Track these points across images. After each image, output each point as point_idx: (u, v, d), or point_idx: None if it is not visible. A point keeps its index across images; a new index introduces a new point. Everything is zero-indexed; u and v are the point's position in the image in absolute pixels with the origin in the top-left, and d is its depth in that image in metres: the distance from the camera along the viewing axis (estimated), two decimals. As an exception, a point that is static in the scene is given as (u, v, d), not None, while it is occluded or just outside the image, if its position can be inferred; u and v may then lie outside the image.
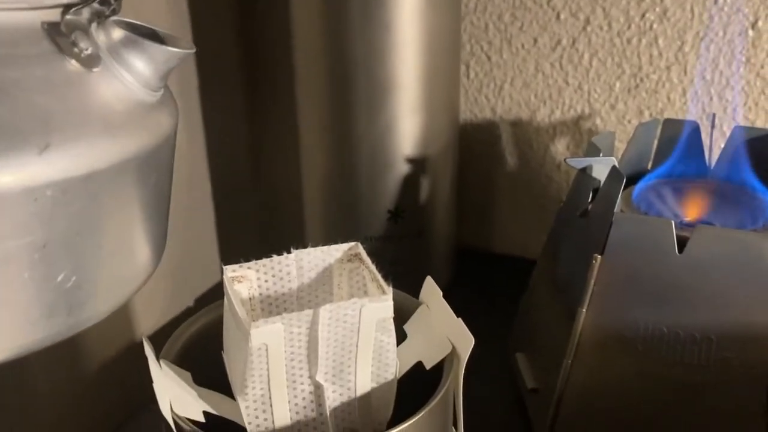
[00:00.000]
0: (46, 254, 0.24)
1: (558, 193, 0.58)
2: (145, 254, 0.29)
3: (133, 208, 0.27)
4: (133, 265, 0.28)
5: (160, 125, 0.28)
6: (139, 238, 0.28)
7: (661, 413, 0.37)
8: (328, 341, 0.29)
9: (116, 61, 0.27)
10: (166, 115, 0.29)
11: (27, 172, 0.23)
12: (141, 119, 0.27)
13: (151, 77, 0.28)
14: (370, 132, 0.49)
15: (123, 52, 0.27)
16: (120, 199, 0.26)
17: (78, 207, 0.25)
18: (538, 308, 0.44)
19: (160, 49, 0.27)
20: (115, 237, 0.27)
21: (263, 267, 0.32)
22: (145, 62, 0.27)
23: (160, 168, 0.29)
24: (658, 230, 0.36)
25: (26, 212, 0.23)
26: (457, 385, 0.32)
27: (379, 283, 0.31)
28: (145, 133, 0.27)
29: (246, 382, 0.29)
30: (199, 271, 0.62)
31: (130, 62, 0.27)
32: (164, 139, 0.28)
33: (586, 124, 0.56)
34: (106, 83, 0.26)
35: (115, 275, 0.27)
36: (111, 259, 0.27)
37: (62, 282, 0.25)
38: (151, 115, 0.28)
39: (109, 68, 0.26)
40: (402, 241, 0.52)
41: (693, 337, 0.35)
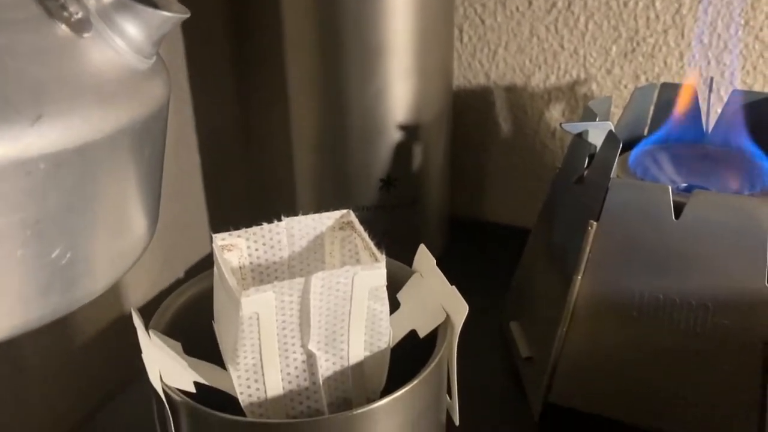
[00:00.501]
0: (39, 230, 0.23)
1: (553, 160, 0.57)
2: (140, 228, 0.28)
3: (127, 181, 0.27)
4: (128, 239, 0.28)
5: (153, 94, 0.27)
6: (133, 212, 0.28)
7: (657, 381, 0.37)
8: (320, 310, 0.29)
9: (108, 26, 0.26)
10: (160, 83, 0.28)
11: (19, 145, 0.22)
12: (135, 88, 0.26)
13: (144, 43, 0.27)
14: (361, 98, 0.48)
15: (114, 17, 0.26)
16: (114, 172, 0.26)
17: (72, 181, 0.24)
18: (532, 276, 0.44)
19: (154, 13, 0.26)
20: (109, 211, 0.26)
21: (253, 235, 0.32)
22: (137, 27, 0.26)
23: (154, 139, 0.28)
24: (654, 196, 0.35)
25: (18, 187, 0.22)
26: (451, 354, 0.31)
27: (372, 252, 0.31)
28: (140, 102, 0.26)
29: (237, 352, 0.29)
30: (189, 242, 0.61)
31: (122, 27, 0.26)
32: (158, 108, 0.27)
33: (582, 90, 0.55)
34: (98, 50, 0.25)
35: (110, 250, 0.27)
36: (106, 234, 0.26)
37: (57, 259, 0.24)
38: (145, 83, 0.27)
39: (101, 34, 0.25)
40: (394, 210, 0.51)
41: (689, 304, 0.35)
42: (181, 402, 0.28)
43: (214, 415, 0.27)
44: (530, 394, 0.41)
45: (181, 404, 0.28)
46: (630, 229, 0.36)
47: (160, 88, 0.28)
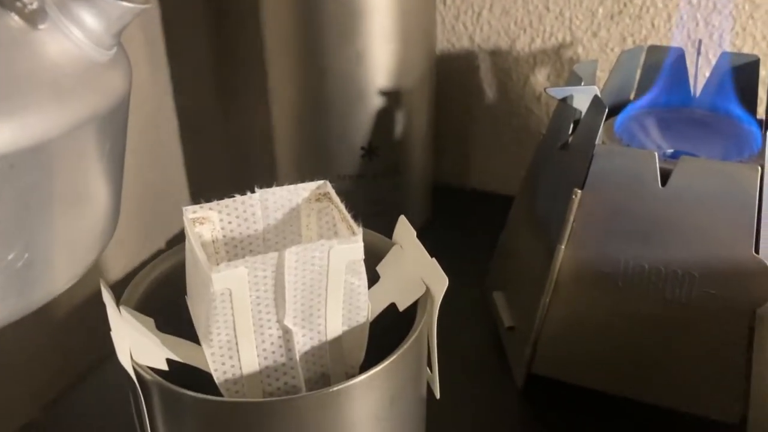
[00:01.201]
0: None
1: (538, 125, 0.56)
2: (100, 226, 0.27)
3: (87, 177, 0.26)
4: (88, 238, 0.27)
5: (114, 87, 0.26)
6: (93, 210, 0.27)
7: (642, 351, 0.36)
8: (295, 285, 0.28)
9: (64, 17, 0.24)
10: (120, 75, 0.27)
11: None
12: (94, 81, 0.25)
13: (103, 34, 0.25)
14: (340, 63, 0.46)
15: (72, 7, 0.24)
16: (73, 169, 0.25)
17: (28, 180, 0.23)
18: (516, 245, 0.43)
19: (114, 3, 0.25)
20: (68, 209, 0.25)
21: (226, 208, 0.31)
22: (96, 18, 0.25)
23: (115, 133, 0.27)
24: (640, 162, 0.34)
25: None
26: (431, 327, 0.31)
27: (349, 224, 0.30)
28: (99, 96, 0.25)
29: (210, 329, 0.28)
30: (169, 212, 0.60)
31: (80, 18, 0.24)
32: (119, 102, 0.26)
33: (568, 53, 0.54)
34: (54, 42, 0.24)
35: (69, 249, 0.26)
36: (65, 232, 0.25)
37: (13, 261, 0.23)
38: (104, 76, 0.25)
39: (57, 25, 0.24)
40: (377, 178, 0.50)
41: (675, 273, 0.34)
42: (152, 381, 0.27)
43: (186, 394, 0.26)
44: (513, 365, 0.40)
45: (152, 383, 0.27)
46: (615, 196, 0.35)
47: (120, 80, 0.26)
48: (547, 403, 0.39)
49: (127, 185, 0.54)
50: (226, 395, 0.29)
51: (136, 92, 0.53)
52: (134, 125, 0.53)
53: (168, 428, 0.28)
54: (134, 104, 0.55)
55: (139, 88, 0.53)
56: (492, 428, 0.38)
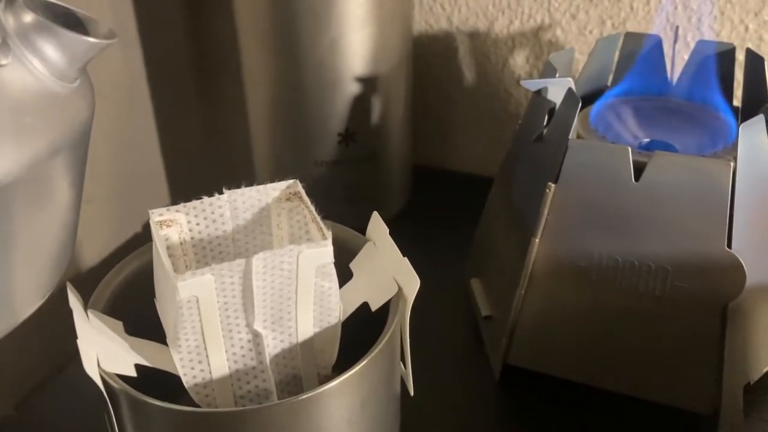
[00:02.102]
0: None
1: (517, 108, 0.56)
2: (60, 255, 0.27)
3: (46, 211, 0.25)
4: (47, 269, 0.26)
5: (76, 120, 0.25)
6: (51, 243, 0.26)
7: (615, 343, 0.36)
8: (264, 289, 0.28)
9: (27, 50, 0.23)
10: (83, 107, 0.25)
11: None
12: (56, 116, 0.24)
13: (67, 68, 0.24)
14: (315, 47, 0.46)
15: (35, 39, 0.23)
16: (31, 206, 0.24)
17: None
18: (492, 235, 0.43)
19: (79, 39, 0.24)
20: (28, 245, 0.24)
21: (194, 209, 0.30)
22: (60, 52, 0.23)
23: (76, 163, 0.26)
24: (614, 157, 0.34)
25: None
26: (403, 326, 0.30)
27: (319, 226, 0.29)
28: (61, 131, 0.24)
29: (178, 335, 0.28)
30: (146, 195, 0.59)
31: (43, 51, 0.23)
32: (81, 134, 0.25)
33: (546, 36, 0.53)
34: (16, 76, 0.23)
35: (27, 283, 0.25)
36: (24, 268, 0.25)
37: None
38: (67, 109, 0.24)
39: (18, 57, 0.23)
40: (355, 164, 0.50)
41: (648, 266, 0.34)
42: (120, 390, 0.26)
43: (154, 405, 0.26)
44: (490, 355, 0.41)
45: (120, 392, 0.27)
46: (589, 190, 0.35)
47: (83, 112, 0.25)
48: (523, 393, 0.39)
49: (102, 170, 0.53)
50: (196, 399, 0.29)
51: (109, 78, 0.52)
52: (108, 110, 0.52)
53: (137, 435, 0.28)
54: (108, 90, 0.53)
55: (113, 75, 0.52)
56: (468, 419, 0.39)
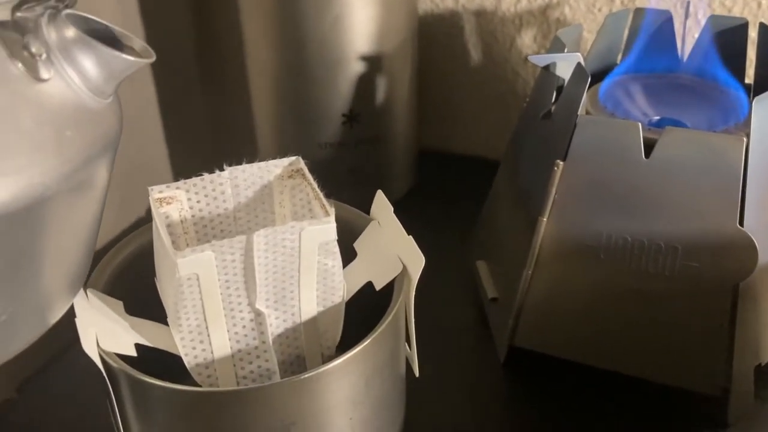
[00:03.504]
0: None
1: (524, 89, 0.55)
2: (78, 273, 0.27)
3: (74, 228, 0.25)
4: (66, 286, 0.26)
5: (108, 135, 0.25)
6: (74, 259, 0.26)
7: (624, 323, 0.36)
8: (266, 267, 0.27)
9: (66, 64, 0.23)
10: (114, 122, 0.26)
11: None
12: (90, 131, 0.24)
13: (103, 85, 0.24)
14: (319, 27, 0.45)
15: (75, 55, 0.23)
16: (62, 222, 0.24)
17: (20, 238, 0.22)
18: (499, 216, 0.42)
19: (117, 56, 0.24)
20: (52, 262, 0.25)
21: (194, 187, 0.30)
22: (98, 68, 0.24)
23: (104, 177, 0.26)
24: (624, 134, 0.33)
25: None
26: (408, 305, 0.30)
27: (322, 203, 0.29)
28: (95, 146, 0.24)
29: (179, 314, 0.27)
30: (149, 178, 0.59)
31: (83, 66, 0.24)
32: (112, 149, 0.25)
33: (554, 14, 0.52)
34: (57, 91, 0.23)
35: (45, 303, 0.25)
36: (46, 286, 0.25)
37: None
38: (100, 124, 0.25)
39: (58, 71, 0.23)
40: (359, 146, 0.49)
41: (658, 245, 0.34)
42: (119, 369, 0.26)
43: (155, 384, 0.25)
44: (496, 336, 0.40)
45: (119, 372, 0.26)
46: (598, 168, 0.34)
47: (114, 127, 0.26)
48: (529, 375, 0.39)
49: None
50: (197, 380, 0.29)
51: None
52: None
53: (137, 416, 0.27)
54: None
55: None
56: (473, 401, 0.38)
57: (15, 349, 0.25)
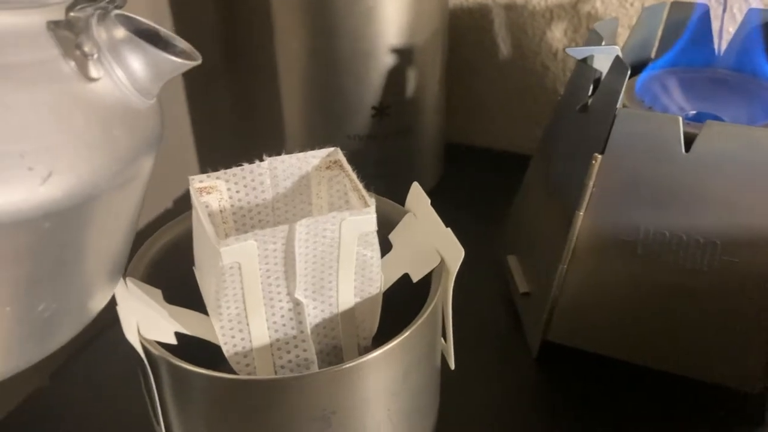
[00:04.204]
0: (31, 286, 0.22)
1: (554, 83, 0.55)
2: (117, 268, 0.27)
3: (116, 225, 0.25)
4: (104, 282, 0.26)
5: (152, 135, 0.25)
6: (115, 254, 0.26)
7: (660, 319, 0.35)
8: (306, 257, 0.27)
9: (115, 63, 0.24)
10: (157, 122, 0.26)
11: (26, 204, 0.20)
12: (136, 130, 0.24)
13: (149, 85, 0.25)
14: (350, 19, 0.45)
15: (125, 55, 0.24)
16: (106, 219, 0.24)
17: (70, 237, 0.23)
18: (531, 210, 0.42)
19: (164, 57, 0.24)
20: (95, 258, 0.25)
21: (234, 177, 0.30)
22: (146, 69, 0.24)
23: (144, 180, 0.26)
24: (664, 127, 0.33)
25: (19, 245, 0.21)
26: (446, 298, 0.30)
27: (361, 193, 0.29)
28: (139, 146, 0.24)
29: (219, 302, 0.27)
30: (176, 170, 0.59)
31: (131, 67, 0.24)
32: (155, 149, 0.26)
33: (585, 8, 0.52)
34: (106, 91, 0.23)
35: (87, 298, 0.26)
36: (88, 281, 0.25)
37: (41, 313, 0.23)
38: (145, 124, 0.25)
39: (107, 70, 0.23)
40: (388, 139, 0.49)
41: (696, 241, 0.33)
42: (160, 357, 0.26)
43: (195, 372, 0.25)
44: (528, 332, 0.40)
45: (160, 359, 0.26)
46: (636, 161, 0.34)
47: (157, 128, 0.26)
48: (562, 370, 0.38)
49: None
50: (236, 369, 0.29)
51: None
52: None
53: (177, 403, 0.27)
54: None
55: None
56: (506, 395, 0.38)
57: (56, 344, 0.25)
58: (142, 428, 0.32)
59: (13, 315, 0.22)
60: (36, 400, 0.39)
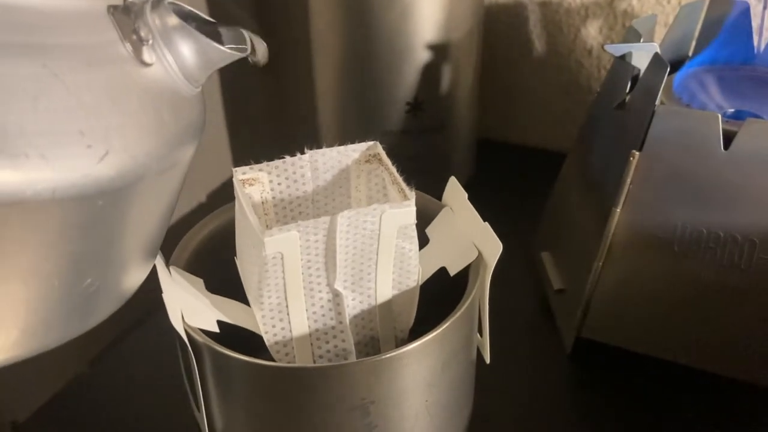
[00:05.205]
0: (79, 262, 0.23)
1: (588, 81, 0.55)
2: (153, 251, 0.28)
3: (158, 207, 0.26)
4: (141, 263, 0.27)
5: (197, 122, 0.26)
6: (153, 237, 0.27)
7: (697, 317, 0.35)
8: (346, 249, 0.28)
9: (166, 48, 0.24)
10: (201, 110, 0.27)
11: (84, 181, 0.21)
12: (183, 116, 0.25)
13: (197, 73, 0.25)
14: (387, 15, 0.45)
15: (176, 42, 0.24)
16: (150, 201, 0.25)
17: (119, 215, 0.23)
18: (567, 207, 0.42)
19: (213, 46, 0.25)
20: (137, 238, 0.26)
21: (275, 169, 0.30)
22: (195, 56, 0.25)
23: (185, 167, 0.27)
24: (703, 124, 0.33)
25: (72, 222, 0.22)
26: (483, 293, 0.30)
27: (401, 187, 0.29)
28: (186, 131, 0.25)
29: (261, 291, 0.28)
30: (210, 165, 0.60)
31: (181, 54, 0.25)
32: (198, 137, 0.27)
33: (621, 5, 0.51)
34: (158, 76, 0.24)
35: (126, 278, 0.26)
36: (129, 260, 0.26)
37: (86, 288, 0.24)
38: (191, 111, 0.26)
39: (159, 56, 0.24)
40: (422, 135, 0.49)
41: (734, 238, 0.33)
42: (203, 344, 0.27)
43: (238, 359, 0.26)
44: (562, 328, 0.40)
45: (203, 346, 0.27)
46: (675, 159, 0.34)
47: (201, 117, 0.27)
48: (595, 367, 0.38)
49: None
50: (276, 357, 0.29)
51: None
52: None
53: (218, 389, 0.28)
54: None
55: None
56: (540, 391, 0.38)
57: (95, 321, 0.26)
58: (180, 414, 0.33)
59: (60, 289, 0.23)
60: (76, 387, 0.40)
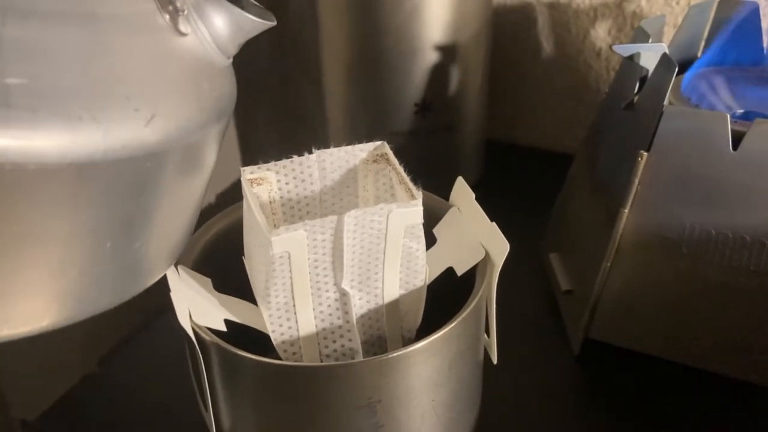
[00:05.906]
0: (130, 224, 0.24)
1: (597, 82, 0.54)
2: (186, 228, 0.28)
3: (202, 177, 0.27)
4: (185, 230, 0.28)
5: (231, 93, 0.27)
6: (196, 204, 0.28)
7: (705, 318, 0.35)
8: (353, 248, 0.28)
9: (201, 20, 0.25)
10: (233, 82, 0.28)
11: (133, 143, 0.22)
12: (219, 87, 0.26)
13: (229, 43, 0.26)
14: (395, 16, 0.45)
15: (209, 12, 0.25)
16: (197, 169, 0.26)
17: (168, 178, 0.24)
18: (575, 207, 0.42)
19: (244, 16, 0.26)
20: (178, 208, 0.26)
21: (283, 168, 0.30)
22: (227, 27, 0.26)
23: (218, 146, 0.28)
24: (711, 124, 0.33)
25: (123, 183, 0.22)
26: (490, 293, 0.30)
27: (408, 187, 0.29)
28: (222, 102, 0.26)
29: (268, 291, 0.28)
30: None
31: (214, 24, 0.26)
32: (230, 109, 0.27)
33: (630, 7, 0.51)
34: (193, 46, 0.25)
35: (171, 245, 0.27)
36: (173, 228, 0.27)
37: (137, 250, 0.25)
38: (225, 82, 0.27)
39: (193, 26, 0.25)
40: (429, 135, 0.49)
41: (743, 239, 0.33)
42: (211, 342, 0.27)
43: (245, 357, 0.26)
44: (570, 329, 0.40)
45: (211, 345, 0.27)
46: (683, 159, 0.34)
47: (233, 89, 0.28)
48: (603, 368, 0.38)
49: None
50: (283, 357, 0.29)
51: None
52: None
53: (226, 388, 0.28)
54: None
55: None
56: (548, 392, 0.38)
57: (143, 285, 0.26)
58: (189, 413, 0.33)
59: (112, 250, 0.23)
60: (84, 386, 0.40)
